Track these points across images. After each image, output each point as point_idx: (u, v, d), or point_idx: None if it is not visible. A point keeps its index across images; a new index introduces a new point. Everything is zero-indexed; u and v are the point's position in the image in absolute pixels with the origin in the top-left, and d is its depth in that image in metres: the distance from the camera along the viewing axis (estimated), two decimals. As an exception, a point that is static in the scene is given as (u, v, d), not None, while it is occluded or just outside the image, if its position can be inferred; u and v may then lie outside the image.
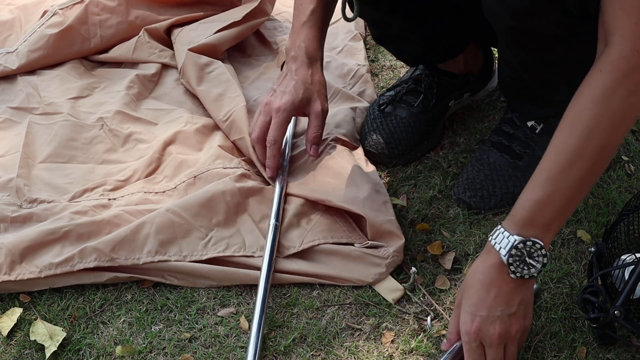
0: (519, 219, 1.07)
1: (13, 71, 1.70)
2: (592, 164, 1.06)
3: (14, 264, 1.28)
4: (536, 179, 1.07)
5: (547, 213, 1.06)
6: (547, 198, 1.05)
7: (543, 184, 1.06)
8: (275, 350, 1.21)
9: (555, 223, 1.08)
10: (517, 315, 1.11)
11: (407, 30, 1.47)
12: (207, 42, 1.69)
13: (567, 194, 1.06)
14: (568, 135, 1.05)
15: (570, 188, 1.06)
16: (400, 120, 1.53)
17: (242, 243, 1.34)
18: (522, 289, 1.10)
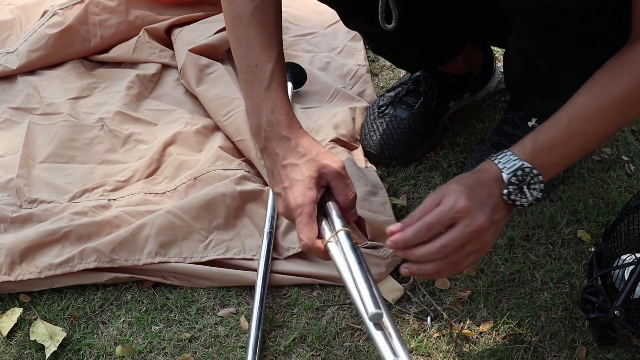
0: (530, 149, 1.06)
1: (13, 71, 1.70)
2: (611, 126, 1.07)
3: (14, 264, 1.28)
4: (556, 120, 1.06)
5: (556, 155, 1.06)
6: (561, 141, 1.05)
7: (562, 127, 1.06)
8: (275, 350, 1.21)
9: (558, 166, 1.08)
10: (496, 227, 1.03)
11: (402, 40, 1.46)
12: (208, 42, 1.69)
13: (580, 144, 1.07)
14: (599, 95, 1.06)
15: (584, 140, 1.07)
16: (401, 122, 1.53)
17: (242, 246, 1.34)
18: (506, 211, 1.05)
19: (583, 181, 1.48)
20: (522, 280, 1.31)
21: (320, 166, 1.13)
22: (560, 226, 1.39)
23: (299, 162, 1.13)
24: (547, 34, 1.25)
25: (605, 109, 1.05)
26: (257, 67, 1.15)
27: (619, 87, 1.05)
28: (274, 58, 1.14)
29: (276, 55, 1.15)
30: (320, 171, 1.13)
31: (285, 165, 1.14)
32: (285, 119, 1.14)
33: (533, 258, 1.34)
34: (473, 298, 1.28)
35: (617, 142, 1.58)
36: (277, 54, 1.15)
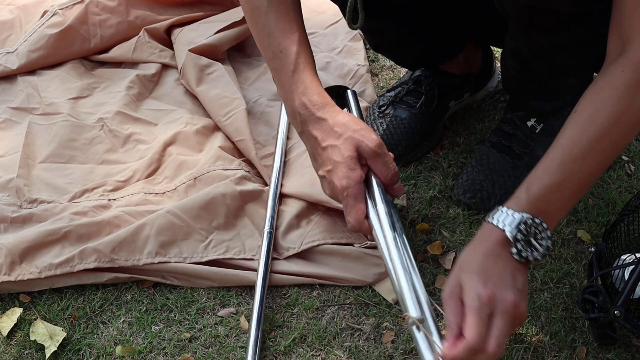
0: (526, 200, 1.03)
1: (13, 71, 1.70)
2: (605, 158, 1.05)
3: (14, 264, 1.28)
4: (547, 164, 1.04)
5: (555, 200, 1.03)
6: (556, 185, 1.02)
7: (555, 170, 1.03)
8: (275, 350, 1.21)
9: (561, 211, 1.05)
10: (523, 294, 1.01)
11: (402, 35, 1.46)
12: (208, 42, 1.69)
13: (577, 184, 1.03)
14: (585, 128, 1.02)
15: (580, 179, 1.03)
16: (401, 122, 1.53)
17: (242, 246, 1.34)
18: (523, 272, 1.02)
19: (583, 181, 1.48)
20: (522, 280, 1.31)
21: (357, 144, 1.13)
22: (560, 226, 1.39)
23: (337, 142, 1.13)
24: (541, 36, 1.25)
25: (596, 141, 1.02)
26: (282, 53, 1.15)
27: (605, 115, 1.02)
28: (297, 41, 1.14)
29: (298, 38, 1.14)
30: (358, 150, 1.13)
31: (325, 147, 1.14)
32: (317, 100, 1.15)
33: (533, 258, 1.34)
34: (473, 298, 1.28)
35: (617, 142, 1.58)
36: (300, 37, 1.15)
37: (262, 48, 1.19)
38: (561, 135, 1.05)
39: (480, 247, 1.02)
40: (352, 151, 1.13)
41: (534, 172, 1.05)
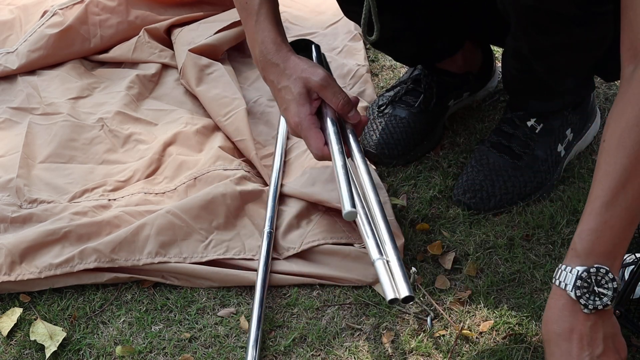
0: (579, 251, 1.01)
1: (13, 71, 1.70)
2: (632, 186, 1.00)
3: (14, 264, 1.28)
4: (590, 207, 1.01)
5: (607, 238, 1.00)
6: (605, 224, 0.99)
7: (598, 211, 0.99)
8: (275, 351, 1.21)
9: (617, 248, 1.01)
10: (607, 353, 1.01)
11: (398, 29, 1.46)
12: (208, 42, 1.69)
13: (625, 215, 1.00)
14: (616, 155, 0.99)
15: (627, 209, 1.00)
16: (400, 121, 1.53)
17: (242, 246, 1.34)
18: (601, 323, 1.01)
19: (583, 181, 1.48)
20: (522, 280, 1.31)
21: (305, 82, 1.22)
22: (560, 226, 1.39)
23: (288, 83, 1.23)
24: (542, 37, 1.25)
25: (631, 166, 0.99)
26: (247, 4, 1.26)
27: (633, 137, 0.98)
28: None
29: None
30: (307, 86, 1.23)
31: (280, 89, 1.25)
32: (272, 47, 1.24)
33: (533, 258, 1.34)
34: (473, 298, 1.28)
35: (617, 142, 1.58)
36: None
37: (235, 1, 1.29)
38: (597, 169, 1.02)
39: (552, 318, 1.02)
40: (301, 88, 1.22)
41: (582, 219, 1.02)
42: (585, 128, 1.52)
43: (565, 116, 1.46)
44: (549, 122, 1.45)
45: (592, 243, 1.00)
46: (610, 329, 1.02)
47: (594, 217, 1.00)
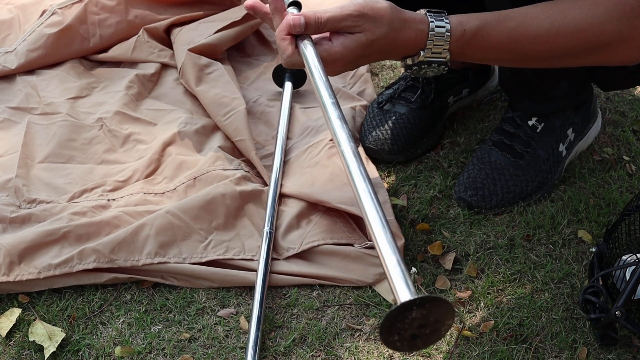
0: (468, 38, 1.06)
1: (12, 71, 1.70)
2: (547, 52, 1.07)
3: (13, 264, 1.27)
4: (508, 19, 1.05)
5: (479, 52, 1.07)
6: (498, 43, 1.05)
7: (508, 28, 1.05)
8: (275, 351, 1.20)
9: (468, 60, 1.10)
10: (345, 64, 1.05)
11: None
12: (207, 42, 1.68)
13: (507, 54, 1.08)
14: (560, 14, 1.04)
15: (513, 52, 1.07)
16: (400, 117, 1.53)
17: (242, 247, 1.33)
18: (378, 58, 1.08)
19: (584, 181, 1.48)
20: (522, 280, 1.30)
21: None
22: (561, 226, 1.39)
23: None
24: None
25: (555, 31, 1.04)
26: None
27: (576, 16, 1.03)
28: None
29: None
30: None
31: None
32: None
33: (534, 258, 1.34)
34: (473, 298, 1.28)
35: (618, 142, 1.58)
36: None
37: None
38: (530, 8, 1.06)
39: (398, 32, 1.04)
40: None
41: (490, 16, 1.06)
42: (586, 128, 1.52)
43: (566, 116, 1.46)
44: (550, 122, 1.45)
45: (476, 42, 1.05)
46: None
47: (499, 28, 1.05)
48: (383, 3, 1.03)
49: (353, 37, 1.01)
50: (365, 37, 1.01)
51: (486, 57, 1.08)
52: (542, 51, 1.07)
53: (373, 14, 1.01)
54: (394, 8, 1.03)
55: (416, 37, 1.04)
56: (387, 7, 1.02)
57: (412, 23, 1.04)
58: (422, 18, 1.05)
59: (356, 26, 1.01)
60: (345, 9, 1.00)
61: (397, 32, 1.02)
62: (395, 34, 1.02)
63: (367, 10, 1.01)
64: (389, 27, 1.02)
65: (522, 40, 1.05)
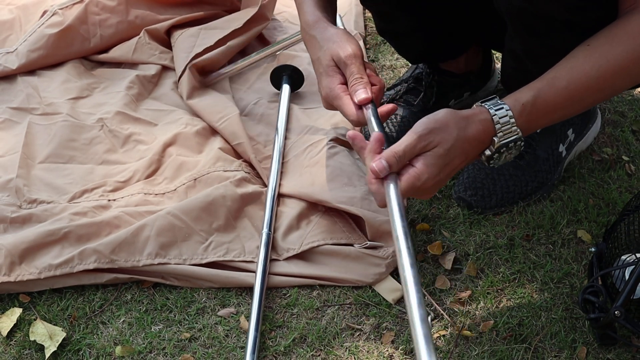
0: (526, 116, 1.10)
1: (13, 71, 1.70)
2: (603, 95, 1.11)
3: (14, 265, 1.28)
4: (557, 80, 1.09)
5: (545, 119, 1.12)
6: (556, 106, 1.10)
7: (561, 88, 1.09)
8: (275, 351, 1.20)
9: (539, 128, 1.15)
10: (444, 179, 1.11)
11: (411, 27, 1.47)
12: (209, 57, 1.66)
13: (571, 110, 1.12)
14: (602, 58, 1.07)
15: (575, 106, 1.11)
16: (401, 120, 1.53)
17: (242, 248, 1.33)
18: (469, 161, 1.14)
19: (583, 181, 1.48)
20: (522, 280, 1.31)
21: (333, 54, 1.21)
22: (560, 226, 1.39)
23: (320, 54, 1.23)
24: (534, 39, 1.25)
25: (603, 77, 1.07)
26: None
27: (618, 56, 1.06)
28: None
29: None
30: (335, 58, 1.21)
31: (314, 61, 1.25)
32: (311, 19, 1.27)
33: (533, 258, 1.34)
34: (473, 298, 1.28)
35: (617, 142, 1.58)
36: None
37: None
38: (571, 61, 1.10)
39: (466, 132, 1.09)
40: (329, 60, 1.21)
41: (541, 84, 1.10)
42: (586, 128, 1.52)
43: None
44: (550, 122, 1.45)
45: (537, 115, 1.10)
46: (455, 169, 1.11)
47: (554, 92, 1.10)
48: (441, 112, 1.09)
49: (431, 153, 1.06)
50: (442, 149, 1.06)
51: (552, 119, 1.13)
52: (597, 97, 1.12)
53: (439, 125, 1.07)
54: (452, 112, 1.09)
55: (484, 127, 1.10)
56: (447, 113, 1.09)
57: (474, 117, 1.10)
58: (480, 109, 1.11)
59: (430, 143, 1.06)
60: (414, 132, 1.06)
61: (466, 130, 1.08)
62: (465, 133, 1.08)
63: (433, 124, 1.07)
64: (457, 130, 1.07)
65: (578, 95, 1.09)
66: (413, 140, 1.05)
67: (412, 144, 1.05)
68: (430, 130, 1.06)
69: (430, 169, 1.06)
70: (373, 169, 1.05)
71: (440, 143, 1.06)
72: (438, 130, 1.07)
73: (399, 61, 1.81)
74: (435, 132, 1.06)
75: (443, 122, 1.07)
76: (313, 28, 1.26)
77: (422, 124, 1.07)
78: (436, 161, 1.06)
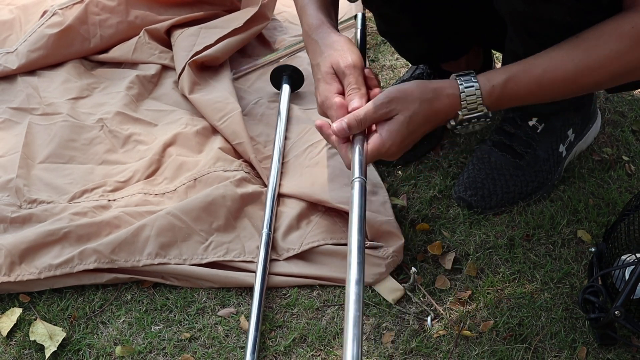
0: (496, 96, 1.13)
1: (13, 71, 1.70)
2: (576, 90, 1.14)
3: (14, 265, 1.28)
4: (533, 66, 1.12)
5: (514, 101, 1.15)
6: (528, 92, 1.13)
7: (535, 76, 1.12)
8: (275, 351, 1.20)
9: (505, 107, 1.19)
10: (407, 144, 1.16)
11: (413, 29, 1.47)
12: (209, 54, 1.67)
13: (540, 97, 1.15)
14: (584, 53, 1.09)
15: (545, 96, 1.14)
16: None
17: (242, 248, 1.33)
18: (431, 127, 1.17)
19: (583, 181, 1.48)
20: (522, 280, 1.31)
21: (333, 62, 1.21)
22: (560, 226, 1.39)
23: (319, 60, 1.23)
24: (534, 41, 1.25)
25: (581, 71, 1.09)
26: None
27: (600, 53, 1.08)
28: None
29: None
30: (334, 67, 1.21)
31: (314, 65, 1.25)
32: (313, 23, 1.26)
33: (533, 258, 1.34)
34: (473, 298, 1.28)
35: (617, 142, 1.58)
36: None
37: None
38: (553, 51, 1.11)
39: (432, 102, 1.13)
40: (328, 68, 1.21)
41: (516, 67, 1.13)
42: (586, 129, 1.52)
43: (567, 116, 1.46)
44: (550, 122, 1.45)
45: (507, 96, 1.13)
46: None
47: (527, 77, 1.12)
48: (409, 82, 1.14)
49: (392, 121, 1.13)
50: (402, 116, 1.12)
51: (520, 103, 1.16)
52: (571, 90, 1.14)
53: (401, 95, 1.12)
54: (421, 83, 1.14)
55: (450, 101, 1.13)
56: (414, 84, 1.13)
57: (443, 90, 1.13)
58: (451, 83, 1.14)
59: (391, 111, 1.13)
60: (376, 100, 1.13)
61: (431, 102, 1.12)
62: (430, 104, 1.12)
63: (394, 93, 1.13)
64: (420, 101, 1.12)
65: (551, 85, 1.12)
66: (373, 107, 1.12)
67: (372, 109, 1.12)
68: (392, 99, 1.12)
69: (392, 134, 1.12)
70: (334, 130, 1.12)
71: (401, 111, 1.12)
72: (400, 99, 1.12)
73: (399, 61, 1.81)
74: (397, 100, 1.12)
75: (407, 92, 1.13)
76: (316, 32, 1.26)
77: (386, 91, 1.13)
78: (398, 128, 1.12)
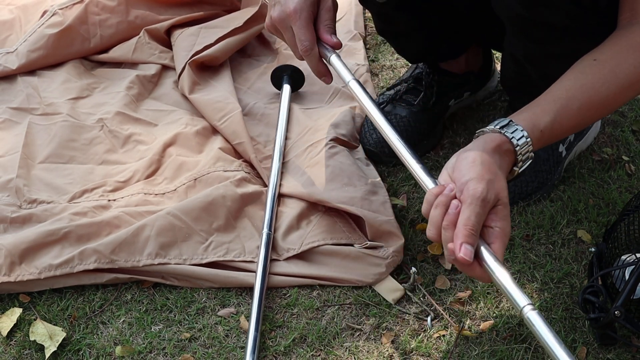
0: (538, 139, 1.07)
1: (13, 71, 1.70)
2: (612, 110, 1.14)
3: (14, 265, 1.28)
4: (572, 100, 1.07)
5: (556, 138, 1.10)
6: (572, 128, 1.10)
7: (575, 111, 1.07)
8: (275, 351, 1.21)
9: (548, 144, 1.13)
10: None
11: (411, 28, 1.47)
12: (208, 53, 1.67)
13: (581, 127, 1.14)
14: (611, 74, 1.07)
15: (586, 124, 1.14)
16: (400, 119, 1.53)
17: (242, 248, 1.33)
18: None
19: (583, 181, 1.48)
20: (522, 280, 1.31)
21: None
22: (560, 226, 1.39)
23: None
24: (534, 45, 1.25)
25: (613, 95, 1.07)
26: None
27: (626, 71, 1.06)
28: None
29: None
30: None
31: None
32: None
33: (533, 258, 1.34)
34: (473, 298, 1.28)
35: (617, 142, 1.58)
36: None
37: None
38: (582, 80, 1.08)
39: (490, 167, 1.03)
40: None
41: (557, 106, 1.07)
42: (586, 129, 1.52)
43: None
44: (550, 123, 1.44)
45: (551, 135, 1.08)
46: None
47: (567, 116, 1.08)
48: (474, 163, 1.02)
49: (500, 207, 1.01)
50: (504, 197, 1.01)
51: (564, 137, 1.18)
52: (610, 111, 1.15)
53: (489, 176, 1.01)
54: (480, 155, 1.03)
55: (510, 159, 1.06)
56: (479, 162, 1.02)
57: (501, 149, 1.05)
58: (501, 139, 1.05)
59: (490, 200, 1.00)
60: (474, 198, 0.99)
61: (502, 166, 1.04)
62: (503, 170, 1.04)
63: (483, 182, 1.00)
64: (498, 171, 1.03)
65: (591, 115, 1.10)
66: (479, 208, 0.98)
67: (480, 212, 0.98)
68: (487, 189, 0.99)
69: (507, 220, 1.00)
70: (460, 259, 0.96)
71: (498, 193, 1.00)
72: (490, 181, 1.00)
73: (399, 61, 1.81)
74: (490, 186, 1.00)
75: (488, 171, 1.01)
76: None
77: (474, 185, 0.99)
78: (507, 211, 1.01)
